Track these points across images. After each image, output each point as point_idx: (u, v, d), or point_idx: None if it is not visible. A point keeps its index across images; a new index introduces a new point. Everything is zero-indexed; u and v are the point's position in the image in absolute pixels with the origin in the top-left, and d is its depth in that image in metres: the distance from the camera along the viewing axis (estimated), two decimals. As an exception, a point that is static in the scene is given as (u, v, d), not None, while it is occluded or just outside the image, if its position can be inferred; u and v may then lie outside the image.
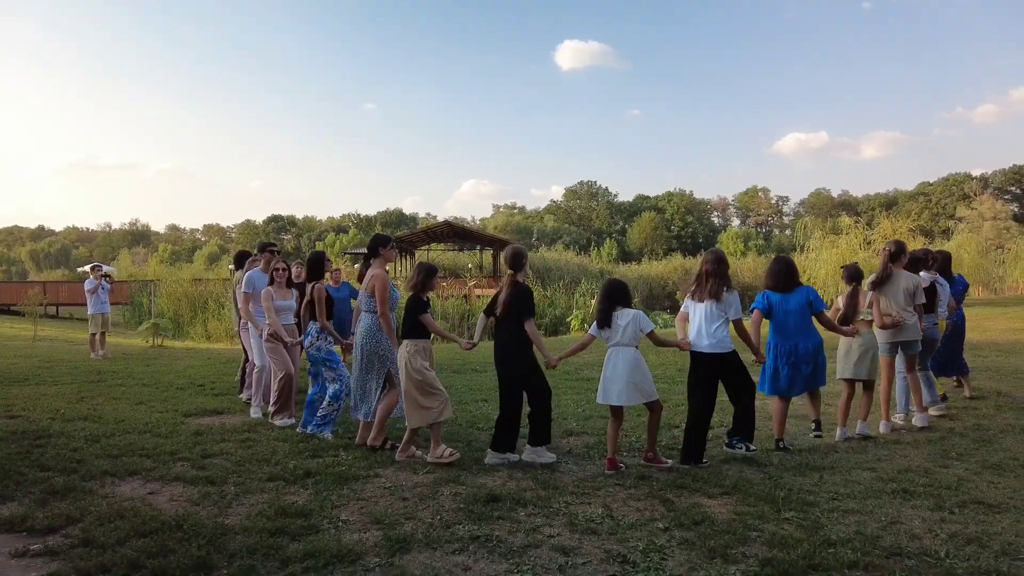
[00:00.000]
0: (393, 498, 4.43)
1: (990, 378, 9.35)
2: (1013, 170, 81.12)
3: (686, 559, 3.44)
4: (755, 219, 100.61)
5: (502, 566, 3.37)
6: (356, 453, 5.53)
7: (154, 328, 18.14)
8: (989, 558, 3.43)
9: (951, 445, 5.82)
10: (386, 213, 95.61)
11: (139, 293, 28.30)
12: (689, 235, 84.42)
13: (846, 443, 5.99)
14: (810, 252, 27.60)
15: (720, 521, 3.97)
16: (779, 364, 5.96)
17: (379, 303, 5.66)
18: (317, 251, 7.09)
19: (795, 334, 5.90)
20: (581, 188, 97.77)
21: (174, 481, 4.78)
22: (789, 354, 5.92)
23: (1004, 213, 57.58)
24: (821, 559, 3.40)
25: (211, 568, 3.30)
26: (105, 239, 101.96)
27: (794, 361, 5.90)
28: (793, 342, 5.90)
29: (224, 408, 7.65)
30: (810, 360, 5.91)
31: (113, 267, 45.18)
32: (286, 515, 4.02)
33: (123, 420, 6.77)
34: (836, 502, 4.35)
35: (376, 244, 5.89)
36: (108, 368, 11.39)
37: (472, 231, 42.39)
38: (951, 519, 4.03)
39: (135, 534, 3.68)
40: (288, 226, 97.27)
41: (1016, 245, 41.24)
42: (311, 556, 3.43)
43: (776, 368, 5.97)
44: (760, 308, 6.01)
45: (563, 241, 70.91)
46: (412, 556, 3.48)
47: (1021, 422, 6.65)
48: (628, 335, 5.23)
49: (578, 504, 4.32)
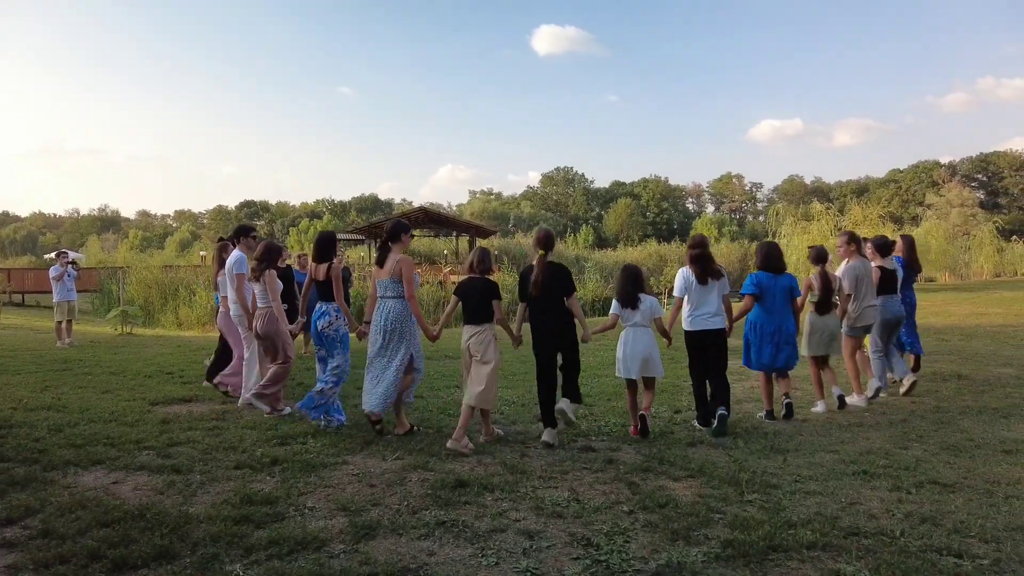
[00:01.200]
0: (361, 485, 4.43)
1: (952, 361, 9.56)
2: (980, 158, 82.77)
3: (649, 541, 3.49)
4: (729, 205, 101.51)
5: (467, 550, 3.39)
6: (325, 440, 5.51)
7: (123, 315, 17.87)
8: (942, 536, 3.52)
9: (912, 427, 5.95)
10: (361, 199, 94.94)
11: (108, 280, 27.85)
12: (664, 221, 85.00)
13: (811, 425, 6.10)
14: (782, 238, 27.93)
15: (684, 504, 4.02)
16: (764, 342, 6.35)
17: (408, 286, 5.71)
18: (327, 231, 6.87)
19: (780, 314, 6.34)
20: (558, 174, 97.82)
21: (139, 470, 4.72)
22: (775, 333, 6.33)
23: (971, 200, 58.72)
24: (781, 540, 3.46)
25: (173, 557, 3.28)
26: (73, 225, 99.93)
27: (778, 340, 6.31)
28: (779, 322, 6.32)
29: (193, 396, 7.56)
30: (791, 340, 6.36)
31: (81, 254, 44.40)
32: (251, 503, 4.00)
33: (88, 409, 6.66)
34: (799, 484, 4.43)
35: (398, 230, 5.91)
36: (74, 356, 11.20)
37: (448, 217, 42.24)
38: (908, 499, 4.13)
39: (96, 524, 3.63)
40: (261, 212, 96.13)
41: (981, 232, 42.14)
42: (275, 543, 3.42)
43: (762, 346, 6.36)
44: (752, 293, 6.38)
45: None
46: (377, 542, 3.49)
47: (979, 403, 6.83)
48: (647, 317, 5.90)
49: (545, 488, 4.35)
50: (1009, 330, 13.97)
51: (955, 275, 39.88)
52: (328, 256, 6.25)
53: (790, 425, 6.14)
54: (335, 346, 6.11)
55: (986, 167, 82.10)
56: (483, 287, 5.62)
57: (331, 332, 6.10)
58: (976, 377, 8.28)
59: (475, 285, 5.65)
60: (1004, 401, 6.93)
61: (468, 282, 5.73)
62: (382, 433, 5.71)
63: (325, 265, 6.16)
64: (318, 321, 6.14)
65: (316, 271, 6.20)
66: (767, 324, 6.33)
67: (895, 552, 3.33)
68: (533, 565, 3.21)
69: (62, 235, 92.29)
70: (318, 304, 6.20)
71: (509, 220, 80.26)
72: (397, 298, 5.72)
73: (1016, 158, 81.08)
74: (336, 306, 6.14)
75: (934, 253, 34.52)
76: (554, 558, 3.30)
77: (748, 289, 6.41)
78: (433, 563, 3.24)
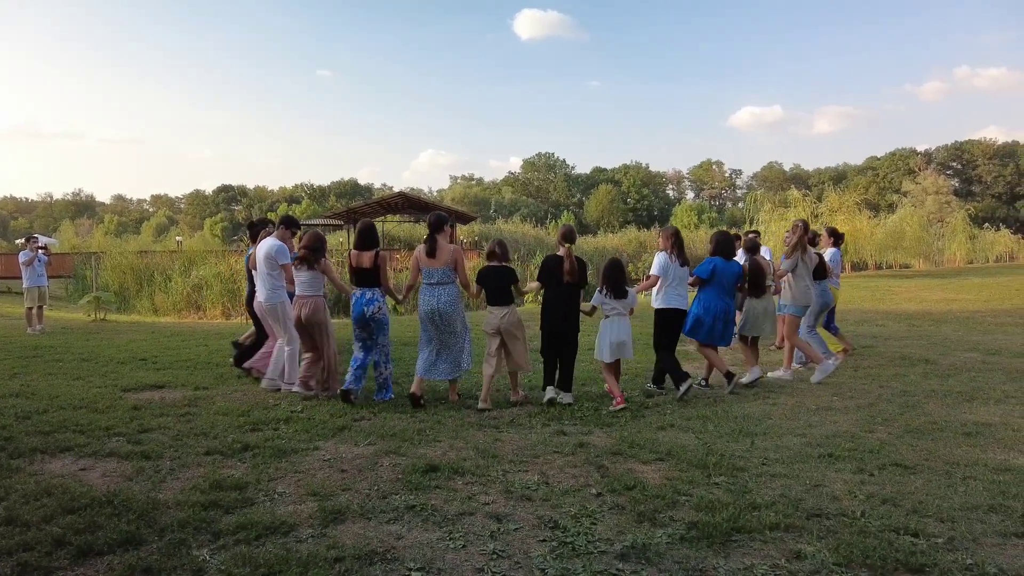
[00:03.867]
0: (332, 470, 4.43)
1: (921, 347, 9.74)
2: (955, 146, 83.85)
3: (615, 523, 3.54)
4: (709, 192, 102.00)
5: (435, 534, 3.41)
6: (297, 426, 5.50)
7: (96, 301, 17.63)
8: (900, 516, 3.60)
9: (878, 411, 6.07)
10: (340, 183, 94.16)
11: (82, 265, 27.40)
12: (645, 208, 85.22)
13: (779, 409, 6.20)
14: (759, 224, 28.13)
15: (652, 486, 4.08)
16: (716, 320, 7.04)
17: (461, 273, 6.41)
18: (368, 220, 7.04)
19: (729, 296, 7.14)
20: (539, 160, 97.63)
21: (108, 457, 4.69)
22: (725, 312, 7.09)
23: (945, 188, 59.52)
24: (745, 522, 3.52)
25: (140, 543, 3.27)
26: (46, 210, 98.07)
27: (726, 319, 7.08)
28: (728, 302, 7.11)
29: (166, 382, 7.49)
30: (733, 319, 7.25)
31: (54, 239, 43.64)
32: (221, 488, 3.99)
33: (58, 396, 6.59)
34: (765, 467, 4.50)
35: (443, 221, 6.51)
36: (45, 343, 11.05)
37: (428, 202, 41.92)
38: (870, 481, 4.21)
39: (62, 511, 3.61)
40: (239, 196, 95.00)
41: (954, 219, 42.74)
42: (243, 528, 3.42)
43: (713, 323, 7.04)
44: (703, 275, 7.07)
45: (520, 213, 70.83)
46: (346, 526, 3.50)
47: (944, 387, 6.97)
48: (627, 306, 6.53)
49: (516, 472, 4.39)
50: (978, 316, 14.25)
51: (929, 262, 40.49)
52: (372, 244, 6.54)
53: (759, 408, 6.23)
54: (382, 328, 6.56)
55: (961, 155, 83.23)
56: (504, 273, 6.45)
57: (380, 316, 6.48)
58: (943, 362, 8.44)
59: (497, 272, 6.45)
60: (968, 385, 7.08)
61: (490, 269, 6.48)
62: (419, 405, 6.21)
63: (370, 253, 6.46)
64: (366, 307, 6.42)
65: (360, 259, 6.45)
66: (718, 304, 7.03)
67: (855, 532, 3.40)
68: (500, 547, 3.24)
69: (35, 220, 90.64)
70: (360, 291, 6.48)
71: (490, 206, 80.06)
72: (448, 284, 6.33)
73: (989, 146, 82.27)
74: (382, 292, 6.53)
75: (909, 240, 34.99)
76: (521, 540, 3.34)
77: (703, 272, 7.09)
78: (400, 546, 3.26)
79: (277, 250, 6.87)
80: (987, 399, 6.44)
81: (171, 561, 3.06)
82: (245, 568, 2.99)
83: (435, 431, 5.43)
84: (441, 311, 6.29)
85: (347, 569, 3.00)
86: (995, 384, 7.11)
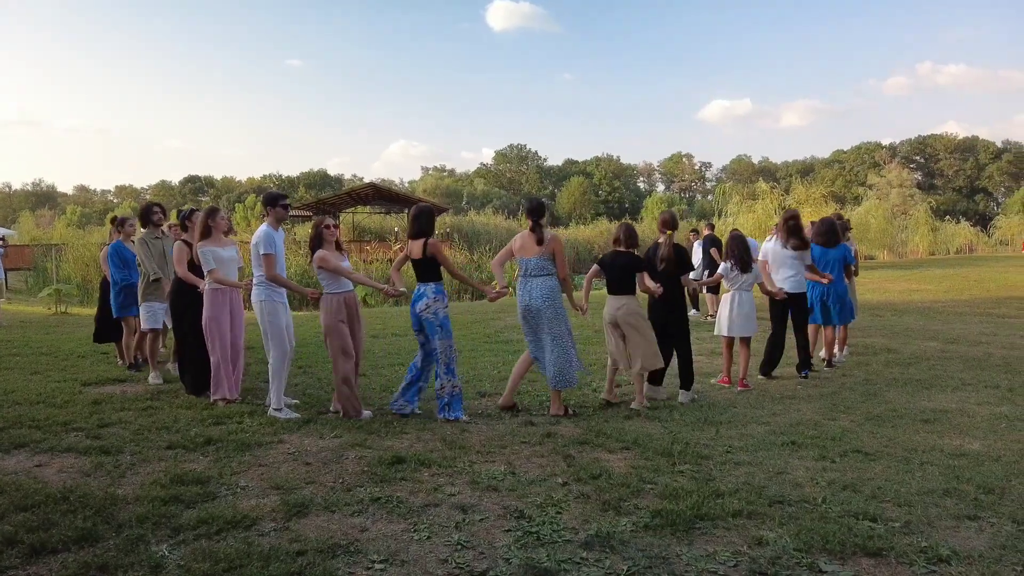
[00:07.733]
0: (296, 463, 4.38)
1: (883, 336, 9.94)
2: (918, 140, 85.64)
3: (580, 512, 3.55)
4: (679, 184, 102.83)
5: (400, 526, 3.39)
6: (262, 420, 5.42)
7: (56, 294, 17.19)
8: (860, 501, 3.67)
9: (841, 399, 6.18)
10: (309, 174, 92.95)
11: (43, 258, 26.73)
12: (616, 200, 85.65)
13: (745, 397, 6.28)
14: (728, 217, 28.41)
15: (617, 475, 4.10)
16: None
17: (561, 266, 5.72)
18: (425, 204, 6.31)
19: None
20: (511, 151, 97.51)
21: (65, 452, 4.57)
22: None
23: (909, 181, 60.65)
24: (708, 509, 3.55)
25: (96, 540, 3.19)
26: (4, 200, 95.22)
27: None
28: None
29: (127, 376, 7.35)
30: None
31: (12, 230, 42.43)
32: (182, 483, 3.92)
33: (13, 391, 6.42)
34: (729, 455, 4.55)
35: (543, 208, 5.92)
36: (2, 337, 10.76)
37: (398, 194, 41.61)
38: (832, 468, 4.29)
39: (14, 509, 3.51)
40: (206, 187, 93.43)
41: (917, 212, 43.65)
42: (204, 523, 3.36)
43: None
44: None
45: (493, 205, 70.69)
46: (309, 520, 3.46)
47: (905, 376, 7.13)
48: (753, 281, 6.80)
49: (482, 463, 4.38)
50: (938, 306, 14.59)
51: (893, 253, 41.33)
52: (426, 231, 5.61)
53: (724, 398, 6.30)
54: (435, 331, 5.52)
55: (923, 149, 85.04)
56: (629, 262, 5.99)
57: (430, 316, 5.52)
58: (904, 351, 8.62)
59: (620, 259, 6.00)
60: (927, 373, 7.24)
61: (614, 256, 6.04)
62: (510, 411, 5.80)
63: (419, 242, 5.56)
64: (416, 304, 5.59)
65: (411, 248, 5.60)
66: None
67: (816, 518, 3.46)
68: (465, 538, 3.23)
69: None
70: (418, 287, 5.63)
71: (462, 197, 79.79)
72: (549, 276, 5.69)
73: (951, 141, 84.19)
74: (435, 287, 5.57)
75: (874, 232, 35.67)
76: (486, 531, 3.33)
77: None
78: (364, 539, 3.23)
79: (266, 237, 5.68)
80: (945, 387, 6.60)
81: (128, 557, 3.00)
82: (205, 563, 2.94)
83: (402, 423, 5.39)
84: (533, 308, 5.65)
85: (309, 562, 2.96)
86: (953, 372, 7.28)
